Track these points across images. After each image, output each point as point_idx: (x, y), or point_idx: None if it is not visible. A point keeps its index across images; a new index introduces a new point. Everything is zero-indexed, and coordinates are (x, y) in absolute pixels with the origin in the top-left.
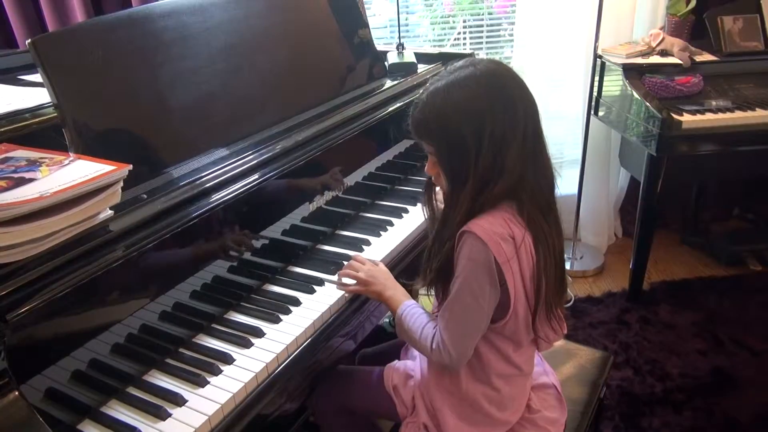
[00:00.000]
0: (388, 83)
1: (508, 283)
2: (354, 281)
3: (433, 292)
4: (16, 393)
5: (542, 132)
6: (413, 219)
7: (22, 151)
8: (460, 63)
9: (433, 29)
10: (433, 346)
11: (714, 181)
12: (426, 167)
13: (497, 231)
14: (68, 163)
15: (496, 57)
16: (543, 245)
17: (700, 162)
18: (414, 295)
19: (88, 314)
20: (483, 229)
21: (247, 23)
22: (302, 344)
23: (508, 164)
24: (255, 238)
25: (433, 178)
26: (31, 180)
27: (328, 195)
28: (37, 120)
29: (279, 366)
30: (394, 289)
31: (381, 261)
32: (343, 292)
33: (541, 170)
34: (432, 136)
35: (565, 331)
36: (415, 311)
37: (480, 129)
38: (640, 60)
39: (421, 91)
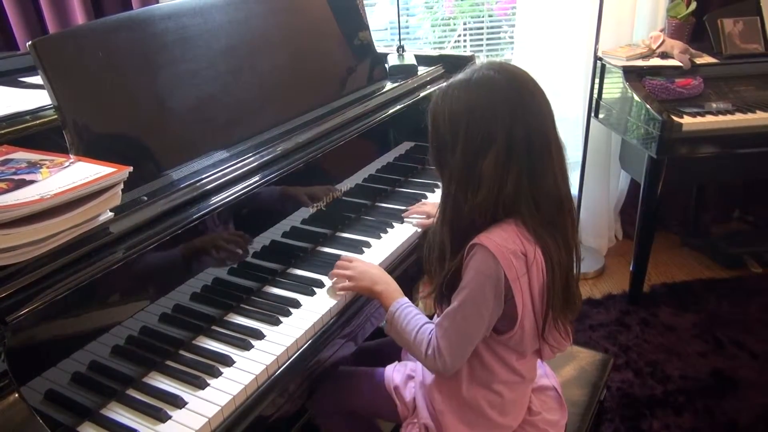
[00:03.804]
0: (389, 85)
1: (516, 298)
2: (345, 280)
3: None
4: (16, 395)
5: (549, 145)
6: (414, 221)
7: (23, 153)
8: (467, 68)
9: (434, 31)
10: (428, 352)
11: (714, 183)
12: None
13: (510, 247)
14: (68, 165)
15: (497, 59)
16: (549, 260)
17: (700, 164)
18: (414, 299)
19: (89, 316)
20: (495, 245)
21: (247, 25)
22: (302, 346)
23: (486, 171)
24: (255, 240)
25: None
26: (31, 182)
27: (329, 197)
28: (37, 122)
29: (279, 368)
30: (386, 284)
31: (381, 263)
32: (343, 294)
33: (541, 183)
34: (428, 134)
35: (570, 344)
36: (410, 311)
37: (456, 130)
38: (640, 62)
39: None
